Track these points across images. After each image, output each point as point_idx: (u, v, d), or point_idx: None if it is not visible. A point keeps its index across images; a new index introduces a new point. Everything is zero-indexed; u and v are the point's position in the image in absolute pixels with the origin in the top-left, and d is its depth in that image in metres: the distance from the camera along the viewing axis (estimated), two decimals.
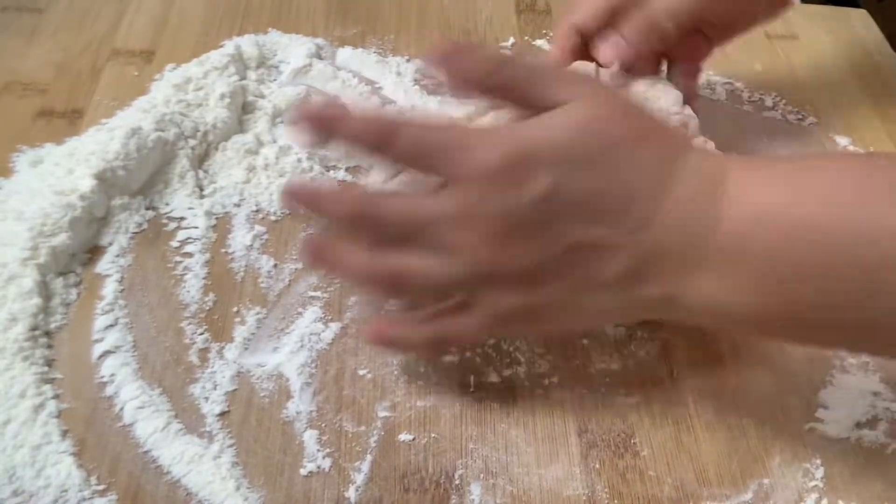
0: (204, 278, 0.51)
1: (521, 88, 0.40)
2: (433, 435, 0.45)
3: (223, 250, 0.53)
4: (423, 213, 0.40)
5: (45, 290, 0.48)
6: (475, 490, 0.43)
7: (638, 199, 0.39)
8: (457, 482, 0.43)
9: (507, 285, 0.40)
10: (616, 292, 0.40)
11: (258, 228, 0.54)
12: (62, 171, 0.53)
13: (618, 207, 0.39)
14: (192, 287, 0.50)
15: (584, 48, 0.53)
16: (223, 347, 0.48)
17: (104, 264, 0.51)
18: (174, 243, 0.53)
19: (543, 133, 0.39)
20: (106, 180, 0.52)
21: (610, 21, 0.52)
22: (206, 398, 0.45)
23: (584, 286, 0.40)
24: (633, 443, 0.45)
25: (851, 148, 0.65)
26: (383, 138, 0.39)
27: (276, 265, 0.52)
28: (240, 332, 0.48)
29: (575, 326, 0.45)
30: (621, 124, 0.39)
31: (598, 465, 0.44)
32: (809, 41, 0.75)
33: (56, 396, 0.44)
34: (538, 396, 0.47)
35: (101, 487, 0.41)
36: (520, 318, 0.42)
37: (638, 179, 0.39)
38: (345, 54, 0.68)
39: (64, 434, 0.43)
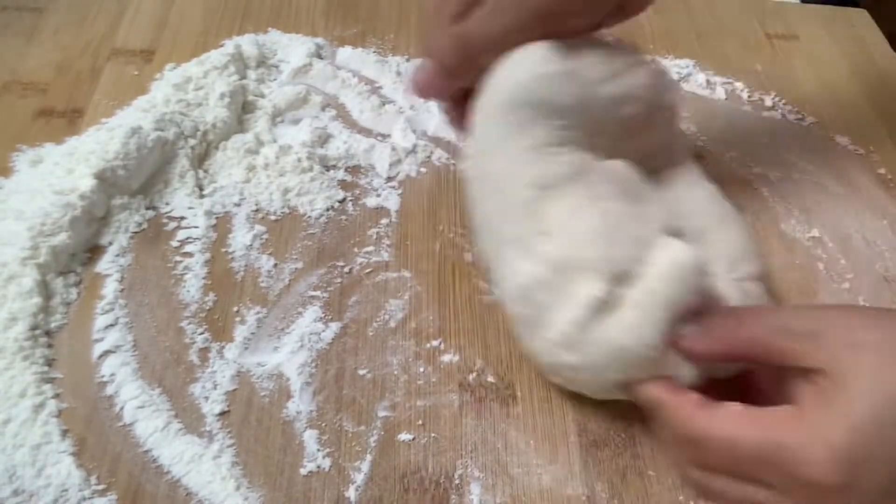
0: (204, 278, 0.51)
1: (767, 348, 0.38)
2: (433, 435, 0.45)
3: (223, 250, 0.53)
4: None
5: (45, 290, 0.48)
6: (475, 490, 0.43)
7: None
8: (456, 482, 0.43)
9: None
10: None
11: (258, 228, 0.54)
12: (62, 171, 0.53)
13: None
14: (192, 286, 0.50)
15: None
16: (223, 347, 0.48)
17: (104, 264, 0.51)
18: (174, 243, 0.53)
19: (849, 422, 0.35)
20: (106, 180, 0.52)
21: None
22: (207, 398, 0.45)
23: None
24: (634, 443, 0.45)
25: (851, 147, 0.65)
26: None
27: (276, 265, 0.52)
28: (240, 332, 0.48)
29: None
30: None
31: (598, 465, 0.44)
32: (809, 41, 0.75)
33: (56, 396, 0.44)
34: (538, 396, 0.47)
35: (101, 487, 0.41)
36: None
37: None
38: (345, 54, 0.68)
39: (64, 433, 0.43)
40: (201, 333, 0.48)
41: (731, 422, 0.37)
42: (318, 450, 0.44)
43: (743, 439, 0.36)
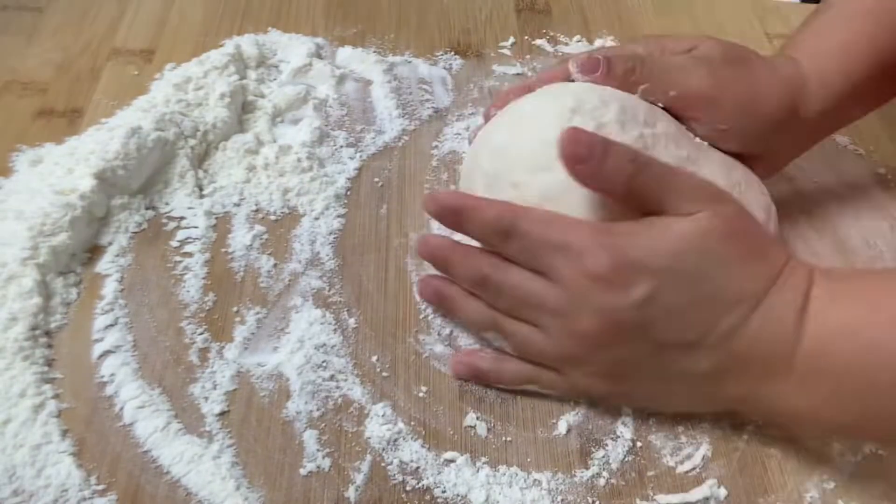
0: (204, 278, 0.51)
1: (656, 194, 0.42)
2: (433, 434, 0.45)
3: (223, 250, 0.53)
4: (533, 297, 0.43)
5: (45, 290, 0.48)
6: (475, 489, 0.43)
7: (729, 312, 0.41)
8: (456, 481, 0.43)
9: (595, 373, 0.44)
10: (698, 386, 0.43)
11: (258, 228, 0.54)
12: (62, 171, 0.53)
13: (709, 318, 0.41)
14: (191, 287, 0.50)
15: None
16: (223, 347, 0.48)
17: (104, 264, 0.51)
18: (174, 243, 0.53)
19: (651, 244, 0.41)
20: (106, 180, 0.52)
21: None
22: (206, 398, 0.45)
23: (668, 380, 0.44)
24: (634, 443, 0.45)
25: (851, 147, 0.65)
26: (501, 236, 0.43)
27: (275, 265, 0.52)
28: (240, 332, 0.48)
29: (659, 408, 0.47)
30: (733, 244, 0.42)
31: (598, 465, 0.44)
32: None
33: (56, 396, 0.44)
34: (538, 397, 0.47)
35: (100, 487, 0.41)
36: (604, 397, 0.46)
37: (732, 294, 0.41)
38: (344, 53, 0.68)
39: (64, 434, 0.43)
40: (201, 333, 0.48)
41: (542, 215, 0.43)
42: (318, 450, 0.44)
43: (542, 233, 0.42)
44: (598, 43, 0.72)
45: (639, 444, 0.45)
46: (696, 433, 0.46)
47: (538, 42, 0.71)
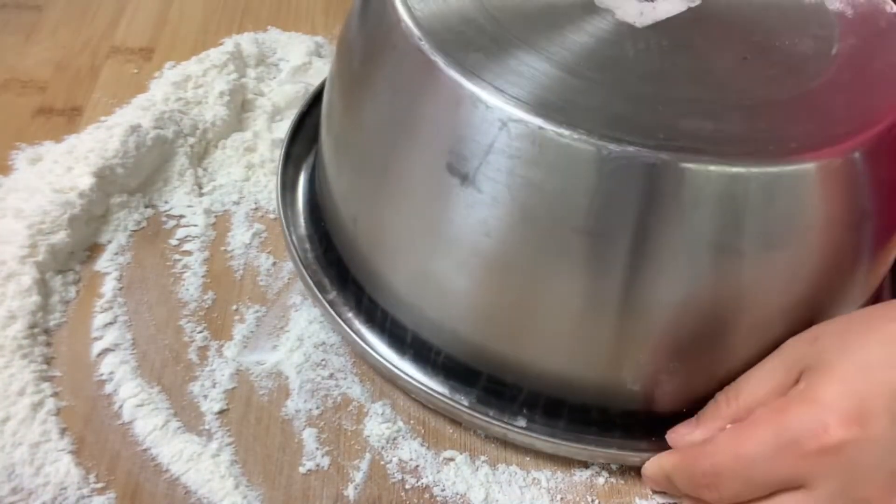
0: (203, 276, 0.51)
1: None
2: (433, 432, 0.45)
3: (222, 248, 0.53)
4: None
5: (43, 288, 0.48)
6: (474, 488, 0.43)
7: None
8: (456, 480, 0.43)
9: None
10: None
11: (257, 226, 0.54)
12: (61, 169, 0.53)
13: None
14: (191, 285, 0.50)
15: None
16: (222, 345, 0.48)
17: (103, 262, 0.51)
18: (173, 241, 0.53)
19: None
20: (105, 178, 0.52)
21: None
22: (205, 396, 0.45)
23: None
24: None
25: None
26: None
27: (275, 263, 0.52)
28: (239, 330, 0.48)
29: None
30: None
31: (597, 464, 0.44)
32: None
33: (55, 394, 0.44)
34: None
35: (99, 485, 0.41)
36: None
37: None
38: None
39: (63, 432, 0.43)
40: (200, 332, 0.48)
41: (732, 440, 0.38)
42: (317, 448, 0.44)
43: (752, 447, 0.37)
44: None
45: None
46: None
47: None
